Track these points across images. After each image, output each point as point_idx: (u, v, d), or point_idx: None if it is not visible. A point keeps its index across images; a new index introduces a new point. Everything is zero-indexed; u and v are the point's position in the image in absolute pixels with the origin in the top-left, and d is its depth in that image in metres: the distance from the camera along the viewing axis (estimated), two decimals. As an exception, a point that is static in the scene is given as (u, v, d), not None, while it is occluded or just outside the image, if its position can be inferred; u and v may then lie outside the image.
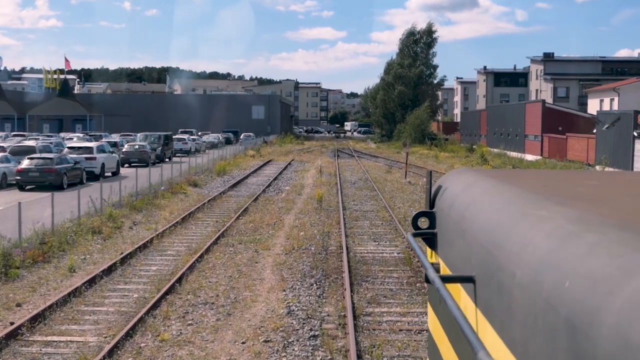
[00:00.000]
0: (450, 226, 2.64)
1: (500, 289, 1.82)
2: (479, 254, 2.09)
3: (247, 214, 25.55)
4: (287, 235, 21.39)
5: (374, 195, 31.87)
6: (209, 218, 24.94)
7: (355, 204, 29.07)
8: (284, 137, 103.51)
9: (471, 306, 2.19)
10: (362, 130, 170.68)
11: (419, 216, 3.00)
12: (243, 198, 30.64)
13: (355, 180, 39.47)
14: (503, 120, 70.83)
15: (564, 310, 1.36)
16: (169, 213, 25.54)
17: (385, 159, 60.54)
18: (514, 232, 1.86)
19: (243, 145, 77.64)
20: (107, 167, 36.71)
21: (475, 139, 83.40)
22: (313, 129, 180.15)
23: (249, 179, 40.64)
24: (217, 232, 21.59)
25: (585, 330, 1.26)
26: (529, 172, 4.68)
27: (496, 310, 1.89)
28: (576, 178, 3.11)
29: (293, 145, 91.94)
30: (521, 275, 1.65)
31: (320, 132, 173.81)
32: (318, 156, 65.07)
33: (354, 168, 50.03)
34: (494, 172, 3.28)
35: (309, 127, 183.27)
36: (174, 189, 31.60)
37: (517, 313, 1.66)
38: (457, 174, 3.08)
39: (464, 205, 2.51)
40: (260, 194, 32.11)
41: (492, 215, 2.16)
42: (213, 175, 41.14)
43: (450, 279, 2.34)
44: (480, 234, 2.13)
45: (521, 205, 2.06)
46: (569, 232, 1.59)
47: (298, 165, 52.97)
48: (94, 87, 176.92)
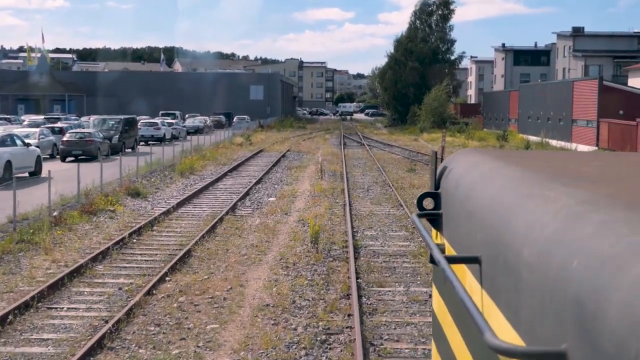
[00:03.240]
0: (456, 207, 2.60)
1: (507, 269, 1.80)
2: (484, 235, 2.09)
3: (185, 269, 14.40)
4: (241, 340, 10.34)
5: (402, 217, 20.76)
6: (107, 284, 13.86)
7: (376, 236, 18.00)
8: (283, 120, 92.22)
9: (477, 287, 2.16)
10: (369, 112, 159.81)
11: (424, 197, 2.91)
12: (196, 222, 19.56)
13: (369, 186, 28.33)
14: (541, 102, 59.42)
15: (572, 290, 1.36)
16: (46, 268, 14.39)
17: (403, 149, 49.31)
18: (521, 212, 1.84)
19: (236, 130, 66.61)
20: (17, 165, 25.67)
21: (503, 124, 72.06)
22: (318, 111, 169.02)
23: (222, 181, 29.56)
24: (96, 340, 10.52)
25: (593, 310, 1.26)
26: (534, 153, 4.43)
27: (502, 291, 1.87)
28: (581, 159, 3.11)
29: (293, 129, 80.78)
30: (528, 255, 1.64)
31: (326, 114, 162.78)
32: (321, 144, 53.83)
33: (366, 163, 38.85)
34: (499, 153, 3.28)
35: (313, 109, 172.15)
36: (97, 205, 20.54)
37: (524, 293, 1.65)
38: (463, 154, 3.05)
39: (469, 186, 2.48)
40: (228, 212, 21.04)
41: (498, 195, 2.13)
42: (174, 176, 30.12)
43: (455, 259, 2.32)
44: (486, 214, 2.12)
45: (527, 185, 2.03)
46: (576, 212, 1.57)
47: (294, 158, 41.83)
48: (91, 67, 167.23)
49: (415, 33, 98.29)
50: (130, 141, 42.10)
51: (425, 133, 68.75)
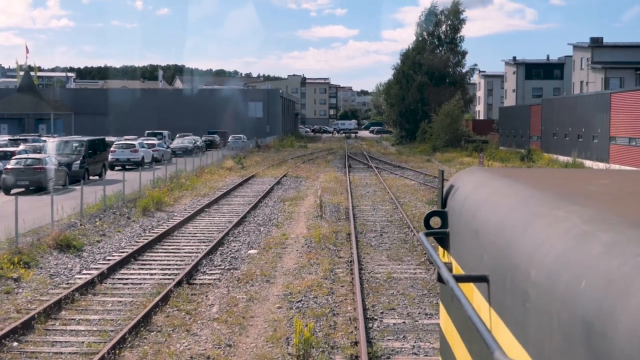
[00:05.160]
0: (463, 225, 2.61)
1: (515, 288, 1.79)
2: (492, 254, 2.08)
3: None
4: None
5: (435, 285, 14.17)
6: None
7: (403, 328, 11.42)
8: (283, 139, 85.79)
9: (485, 305, 2.15)
10: (374, 129, 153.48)
11: (431, 215, 2.93)
12: (131, 301, 12.96)
13: (382, 227, 21.79)
14: (569, 118, 52.90)
15: (580, 310, 1.36)
16: None
17: (416, 172, 42.74)
18: (528, 231, 1.84)
19: (230, 151, 60.14)
20: None
21: (522, 142, 65.54)
22: (321, 128, 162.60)
23: (194, 221, 23.03)
24: None
25: (602, 330, 1.26)
26: (539, 171, 4.34)
27: (511, 310, 1.86)
28: (587, 177, 3.08)
29: (294, 149, 74.35)
30: (536, 275, 1.64)
31: (329, 132, 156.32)
32: (322, 168, 47.27)
33: (375, 192, 32.30)
34: (505, 171, 3.26)
35: (316, 127, 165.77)
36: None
37: (533, 312, 1.65)
38: (469, 173, 3.09)
39: (476, 205, 2.48)
40: (184, 279, 14.50)
41: (505, 214, 2.13)
42: (135, 214, 23.66)
43: (464, 278, 2.30)
44: (494, 233, 2.11)
45: (534, 204, 2.03)
46: (584, 232, 1.57)
47: (291, 185, 35.32)
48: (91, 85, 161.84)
49: (423, 45, 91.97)
50: (97, 167, 35.62)
51: (438, 152, 62.17)
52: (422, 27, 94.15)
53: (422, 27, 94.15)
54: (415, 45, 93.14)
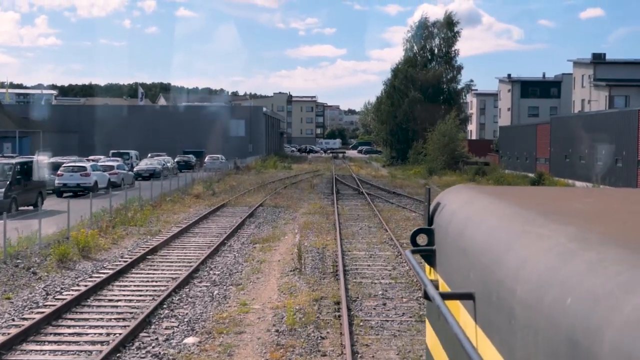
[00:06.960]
0: (449, 243, 2.60)
1: (501, 305, 1.80)
2: (478, 271, 2.07)
3: None
4: None
5: None
6: None
7: None
8: (265, 160, 79.50)
9: (471, 323, 2.14)
10: (363, 149, 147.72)
11: (418, 233, 2.90)
12: None
13: (385, 286, 15.42)
14: (585, 138, 46.99)
15: (565, 327, 1.36)
16: None
17: (415, 201, 36.43)
18: (514, 249, 1.84)
19: (206, 172, 53.75)
20: None
21: (527, 164, 59.65)
22: (307, 148, 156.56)
23: (126, 279, 16.58)
24: None
25: (587, 347, 1.26)
26: (526, 189, 4.06)
27: (497, 327, 1.87)
28: (572, 195, 3.09)
29: (276, 170, 68.07)
30: (522, 292, 1.64)
31: (316, 152, 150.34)
32: (306, 194, 40.87)
33: (369, 228, 25.97)
34: (491, 190, 3.21)
35: (302, 146, 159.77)
36: None
37: (518, 330, 1.65)
38: (455, 191, 3.04)
39: (462, 222, 2.47)
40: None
41: (491, 232, 2.13)
42: (47, 267, 17.30)
43: (450, 295, 2.29)
44: (479, 250, 2.11)
45: (520, 222, 2.03)
46: (568, 250, 1.58)
47: (266, 218, 28.96)
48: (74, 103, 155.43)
49: (415, 60, 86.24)
50: (30, 196, 29.13)
51: (435, 175, 56.02)
52: (411, 42, 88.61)
53: (411, 42, 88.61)
54: (404, 61, 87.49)
